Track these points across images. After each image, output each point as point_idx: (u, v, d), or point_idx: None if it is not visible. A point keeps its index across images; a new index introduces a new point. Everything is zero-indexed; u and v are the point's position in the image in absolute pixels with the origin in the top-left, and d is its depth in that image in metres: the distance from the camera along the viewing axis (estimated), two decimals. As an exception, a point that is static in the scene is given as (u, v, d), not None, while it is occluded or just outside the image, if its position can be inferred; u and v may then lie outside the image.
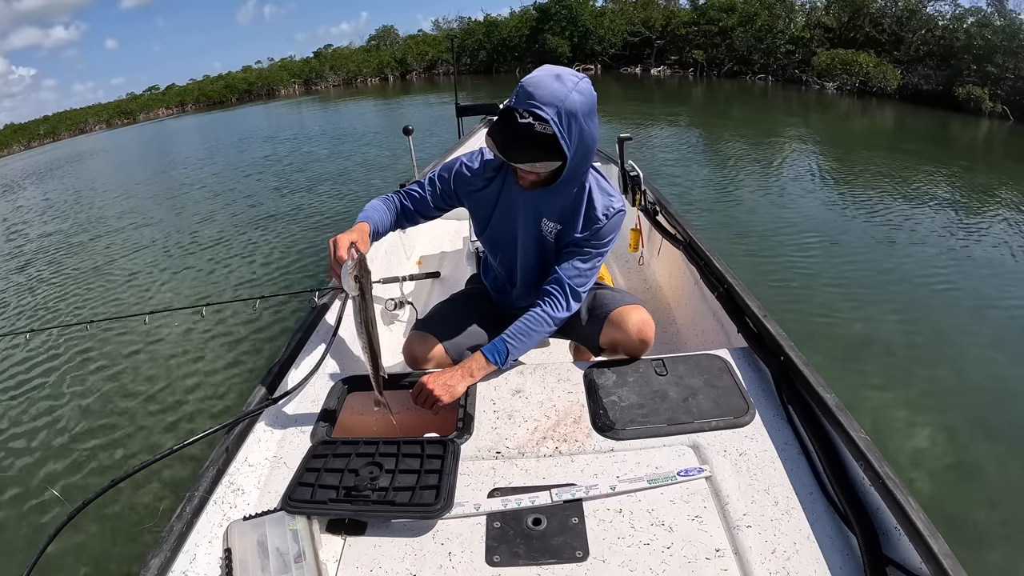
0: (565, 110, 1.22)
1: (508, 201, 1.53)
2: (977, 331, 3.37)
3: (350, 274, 1.24)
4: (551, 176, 1.35)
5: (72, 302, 5.11)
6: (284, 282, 4.76)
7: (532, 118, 1.23)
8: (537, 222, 1.51)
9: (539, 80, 1.24)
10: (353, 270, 1.24)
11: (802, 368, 1.29)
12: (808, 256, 4.49)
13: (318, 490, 1.13)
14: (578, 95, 1.23)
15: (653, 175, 3.74)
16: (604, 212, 1.45)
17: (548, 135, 1.24)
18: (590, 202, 1.46)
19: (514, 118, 1.25)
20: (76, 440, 3.00)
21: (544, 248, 1.55)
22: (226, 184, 9.54)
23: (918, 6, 15.77)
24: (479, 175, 1.54)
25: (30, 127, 33.50)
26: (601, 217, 1.45)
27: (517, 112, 1.25)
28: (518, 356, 1.47)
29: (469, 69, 29.20)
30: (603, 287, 1.70)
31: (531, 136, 1.25)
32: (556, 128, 1.22)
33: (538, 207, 1.49)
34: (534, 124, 1.24)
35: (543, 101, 1.21)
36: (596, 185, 1.47)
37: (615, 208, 1.47)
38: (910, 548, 0.92)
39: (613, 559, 1.00)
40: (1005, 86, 12.04)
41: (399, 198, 1.59)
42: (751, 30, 19.43)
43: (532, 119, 1.23)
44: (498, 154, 1.26)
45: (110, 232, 7.49)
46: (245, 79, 35.27)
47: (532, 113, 1.22)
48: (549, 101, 1.21)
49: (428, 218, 1.64)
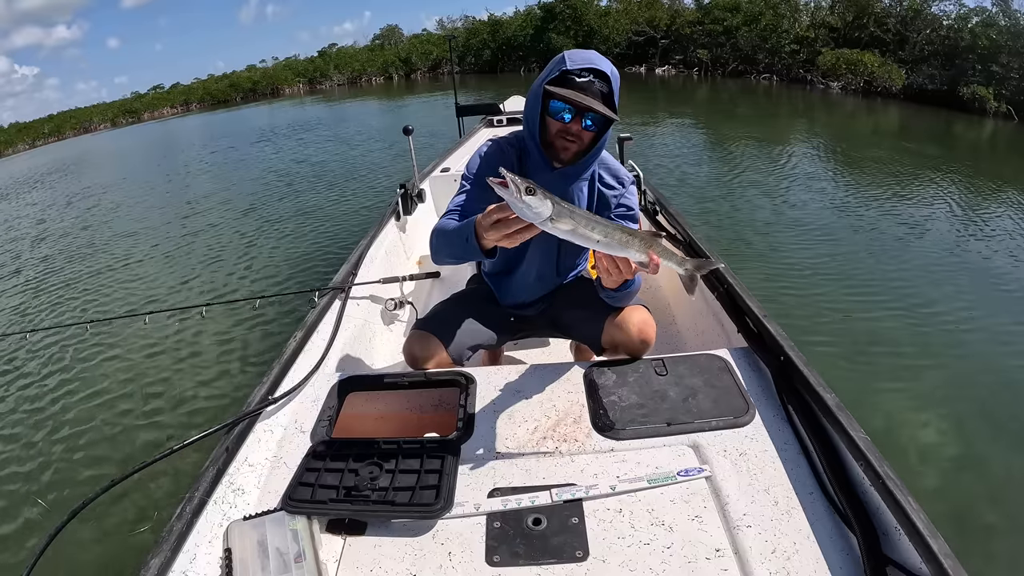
0: (613, 72, 1.35)
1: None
2: (984, 328, 3.36)
3: (524, 195, 0.96)
4: (590, 144, 1.42)
5: (72, 302, 5.12)
6: (284, 282, 4.75)
7: (592, 76, 1.32)
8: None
9: (584, 53, 1.36)
10: (521, 187, 0.96)
11: (802, 368, 1.29)
12: (812, 254, 4.47)
13: (318, 490, 1.14)
14: (615, 69, 1.37)
15: (654, 175, 3.75)
16: (618, 180, 1.56)
17: (604, 92, 1.33)
18: (602, 178, 1.55)
19: (572, 79, 1.32)
20: (76, 440, 3.01)
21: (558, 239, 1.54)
22: (226, 184, 9.55)
23: (923, 6, 15.68)
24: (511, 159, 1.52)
25: (35, 126, 33.56)
26: (616, 184, 1.55)
27: (574, 74, 1.32)
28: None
29: (474, 68, 29.13)
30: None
31: (591, 92, 1.32)
32: (614, 83, 1.33)
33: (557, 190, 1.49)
34: (594, 81, 1.32)
35: (600, 64, 1.33)
36: (600, 163, 1.54)
37: (627, 176, 1.58)
38: (910, 548, 0.92)
39: (613, 559, 1.00)
40: (1010, 86, 11.96)
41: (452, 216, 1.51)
42: (756, 30, 19.36)
43: (593, 76, 1.32)
44: (575, 99, 1.29)
45: (110, 232, 7.51)
46: (250, 78, 35.28)
47: (592, 71, 1.32)
48: (604, 64, 1.34)
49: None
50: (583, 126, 1.37)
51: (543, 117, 1.41)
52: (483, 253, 1.21)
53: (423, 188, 3.33)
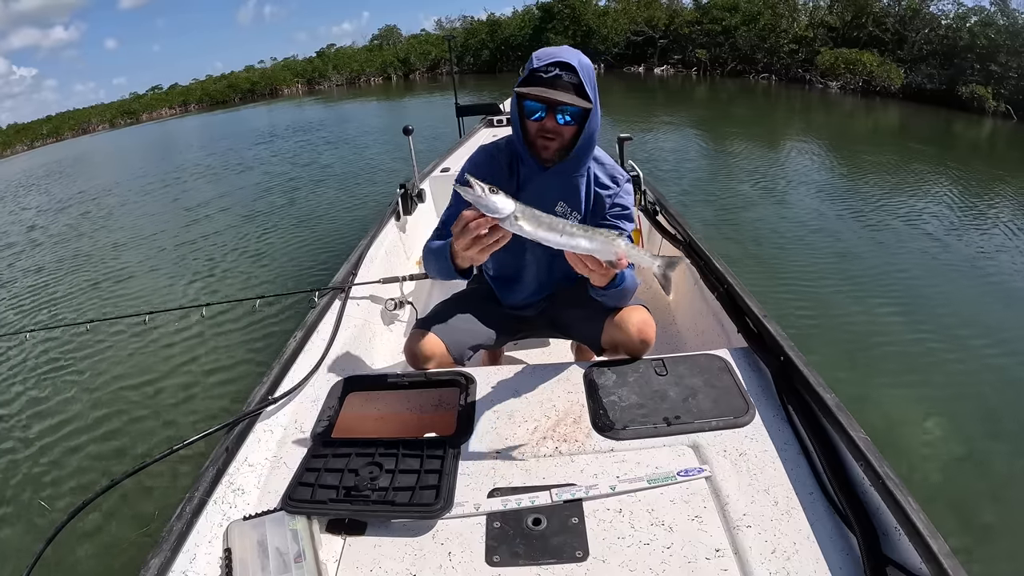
0: (581, 63, 1.34)
1: (524, 189, 1.54)
2: (984, 327, 3.36)
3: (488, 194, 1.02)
4: (572, 139, 1.42)
5: (72, 302, 5.12)
6: (284, 282, 4.75)
7: (558, 69, 1.32)
8: (551, 207, 1.53)
9: (551, 49, 1.37)
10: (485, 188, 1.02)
11: (802, 368, 1.29)
12: (812, 254, 4.48)
13: (318, 490, 1.14)
14: (585, 58, 1.37)
15: (654, 175, 3.75)
16: (613, 179, 1.55)
17: (574, 84, 1.33)
18: (597, 178, 1.55)
19: (539, 77, 1.33)
20: (76, 440, 3.01)
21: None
22: (226, 184, 9.54)
23: (921, 5, 15.69)
24: (499, 166, 1.54)
25: (33, 127, 33.47)
26: (610, 183, 1.55)
27: (541, 71, 1.33)
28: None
29: (472, 68, 29.12)
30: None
31: (560, 85, 1.33)
32: (581, 74, 1.33)
33: (551, 190, 1.52)
34: (561, 75, 1.32)
35: (564, 56, 1.33)
36: (596, 163, 1.55)
37: (622, 174, 1.58)
38: (910, 548, 0.92)
39: (613, 559, 1.00)
40: (1008, 85, 11.97)
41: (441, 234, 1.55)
42: (754, 29, 19.37)
43: (559, 70, 1.32)
44: (541, 95, 1.32)
45: (110, 232, 7.50)
46: (248, 79, 35.23)
47: (558, 64, 1.32)
48: (569, 56, 1.34)
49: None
50: (558, 121, 1.37)
51: (523, 120, 1.43)
52: (458, 272, 1.29)
53: (423, 188, 3.33)
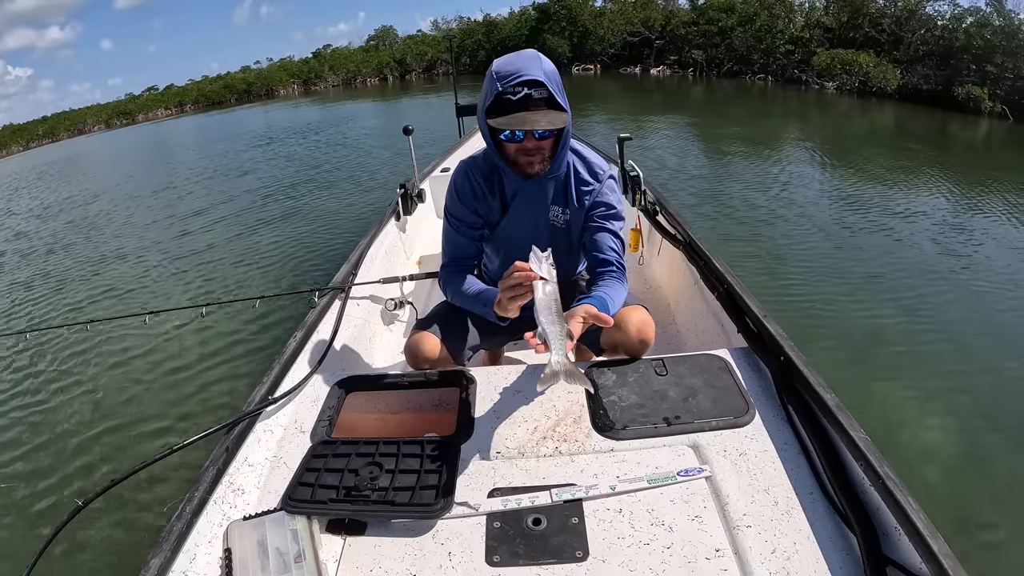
0: (546, 72, 1.29)
1: (514, 198, 1.54)
2: (984, 327, 3.37)
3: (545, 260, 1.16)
4: (554, 145, 1.40)
5: (72, 302, 5.10)
6: (284, 282, 4.75)
7: (526, 87, 1.27)
8: (545, 212, 1.54)
9: (509, 61, 1.31)
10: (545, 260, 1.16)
11: (802, 368, 1.29)
12: (812, 254, 4.49)
13: (318, 490, 1.14)
14: (546, 61, 1.32)
15: (653, 175, 3.74)
16: (592, 175, 1.53)
17: (544, 98, 1.29)
18: (577, 174, 1.53)
19: (508, 100, 1.29)
20: (75, 440, 3.00)
21: (555, 238, 1.57)
22: (226, 185, 9.53)
23: (917, 6, 15.76)
24: (479, 184, 1.54)
25: (29, 128, 33.43)
26: (590, 179, 1.53)
27: (508, 94, 1.28)
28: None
29: (469, 69, 29.16)
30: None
31: (531, 105, 1.29)
32: (551, 87, 1.28)
33: (542, 195, 1.52)
34: (531, 93, 1.28)
35: (528, 71, 1.27)
36: (576, 156, 1.54)
37: (603, 169, 1.55)
38: (910, 548, 0.92)
39: (613, 559, 1.00)
40: (1004, 86, 12.02)
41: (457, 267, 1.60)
42: (750, 30, 19.43)
43: (526, 88, 1.28)
44: (518, 127, 1.29)
45: (110, 232, 7.49)
46: (244, 79, 35.21)
47: (525, 83, 1.27)
48: (533, 69, 1.28)
49: (481, 252, 1.68)
50: (537, 138, 1.36)
51: (497, 143, 1.41)
52: (498, 319, 1.35)
53: (423, 188, 3.33)
